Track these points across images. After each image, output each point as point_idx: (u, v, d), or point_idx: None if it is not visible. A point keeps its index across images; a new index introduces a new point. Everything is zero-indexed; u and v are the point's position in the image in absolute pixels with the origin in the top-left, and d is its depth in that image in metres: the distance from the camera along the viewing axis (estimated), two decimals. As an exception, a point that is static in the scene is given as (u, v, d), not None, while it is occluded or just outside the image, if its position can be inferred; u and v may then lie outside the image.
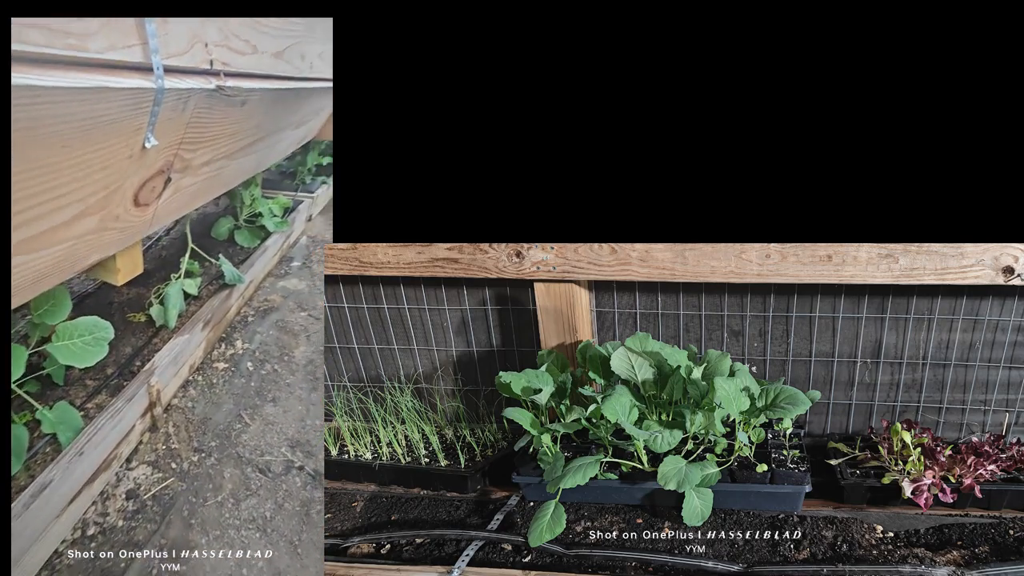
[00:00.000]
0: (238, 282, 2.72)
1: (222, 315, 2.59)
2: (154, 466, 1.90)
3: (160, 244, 3.29)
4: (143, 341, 2.34)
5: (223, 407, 2.17)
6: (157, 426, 2.04)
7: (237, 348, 2.53)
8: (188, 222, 2.90)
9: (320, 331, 2.69)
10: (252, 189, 3.31)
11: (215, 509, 1.75)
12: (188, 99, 1.43)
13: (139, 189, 1.53)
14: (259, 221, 3.32)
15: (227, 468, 1.91)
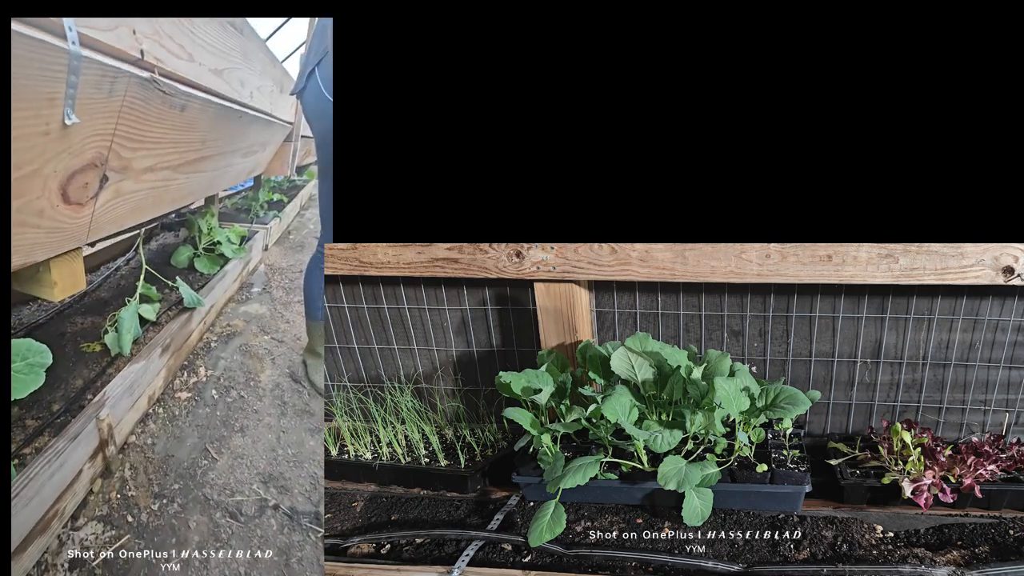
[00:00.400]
0: (197, 305, 2.65)
1: (182, 340, 2.48)
2: (106, 521, 1.63)
3: (119, 273, 3.25)
4: (96, 372, 2.13)
5: (186, 441, 1.99)
6: (111, 469, 1.79)
7: (200, 375, 2.41)
8: (141, 243, 2.90)
9: (284, 354, 2.66)
10: (208, 219, 3.40)
11: (181, 570, 1.52)
12: (115, 80, 1.33)
13: (67, 181, 1.38)
14: (218, 249, 3.40)
15: (193, 515, 1.69)
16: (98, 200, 1.58)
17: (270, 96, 2.97)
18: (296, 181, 6.72)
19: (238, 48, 2.15)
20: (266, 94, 2.77)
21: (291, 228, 5.21)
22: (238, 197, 5.23)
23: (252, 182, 4.95)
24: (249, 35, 2.38)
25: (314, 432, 2.11)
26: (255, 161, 3.45)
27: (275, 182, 5.38)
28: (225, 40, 1.98)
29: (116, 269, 3.28)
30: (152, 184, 1.88)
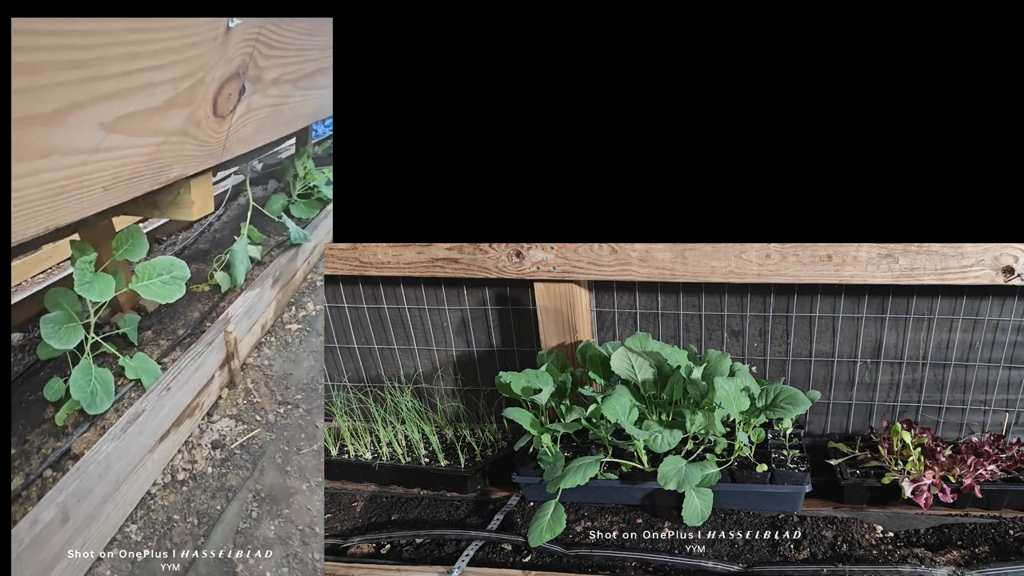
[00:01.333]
0: (303, 240, 2.78)
1: (289, 276, 2.63)
2: (237, 419, 1.90)
3: (212, 227, 3.49)
4: (210, 306, 2.43)
5: (303, 364, 2.16)
6: (235, 382, 2.05)
7: (309, 310, 2.55)
8: (247, 184, 3.02)
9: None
10: (305, 160, 3.40)
11: (312, 457, 1.73)
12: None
13: (218, 91, 1.56)
14: (315, 193, 3.37)
15: (317, 419, 1.88)
16: (234, 114, 1.74)
17: None
18: None
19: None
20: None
21: None
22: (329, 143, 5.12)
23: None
24: None
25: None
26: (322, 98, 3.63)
27: None
28: None
29: (210, 224, 3.53)
30: (274, 100, 2.04)
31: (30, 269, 3.20)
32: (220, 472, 1.71)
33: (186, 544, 1.50)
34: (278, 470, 1.69)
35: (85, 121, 1.18)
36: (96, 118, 1.20)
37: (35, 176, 1.13)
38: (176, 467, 1.74)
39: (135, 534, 1.54)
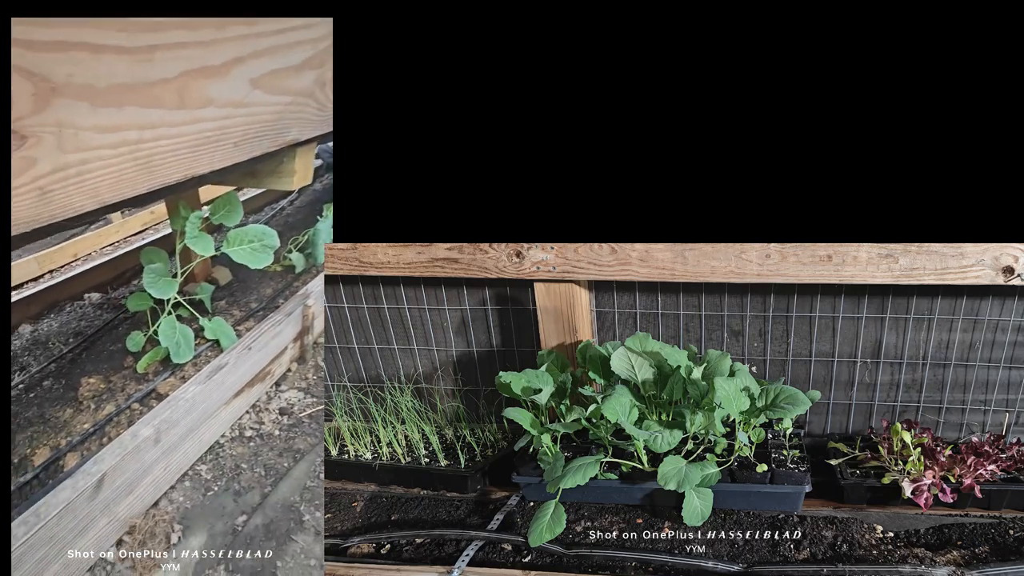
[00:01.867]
0: None
1: None
2: (306, 391, 2.01)
3: (284, 212, 3.73)
4: (283, 284, 2.57)
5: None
6: (305, 358, 2.14)
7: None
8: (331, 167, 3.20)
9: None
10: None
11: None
12: None
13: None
14: None
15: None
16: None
17: None
18: None
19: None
20: None
21: None
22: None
23: None
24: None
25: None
26: None
27: None
28: None
29: (281, 208, 3.74)
30: None
31: (102, 240, 3.60)
32: (288, 436, 1.83)
33: (252, 489, 1.64)
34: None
35: (242, 75, 1.29)
36: (250, 73, 1.29)
37: (190, 125, 1.21)
38: (244, 425, 1.88)
39: (205, 473, 1.70)
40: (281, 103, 1.53)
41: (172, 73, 1.13)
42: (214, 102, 1.25)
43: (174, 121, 1.18)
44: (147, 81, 1.09)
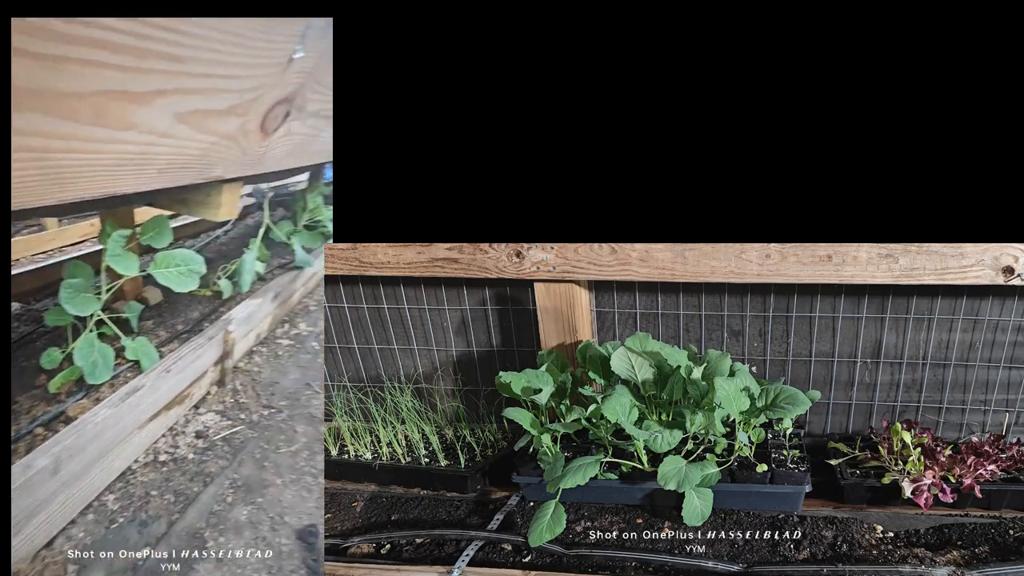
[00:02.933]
0: (307, 265, 2.98)
1: (288, 295, 2.78)
2: (222, 415, 1.98)
3: (219, 240, 3.75)
4: (210, 309, 2.58)
5: (290, 375, 2.27)
6: (225, 381, 2.13)
7: (300, 329, 2.70)
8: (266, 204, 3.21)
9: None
10: (314, 196, 3.64)
11: (289, 457, 1.80)
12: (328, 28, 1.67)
13: (269, 110, 1.72)
14: (319, 227, 3.58)
15: (300, 424, 1.96)
16: (276, 133, 1.89)
17: None
18: None
19: None
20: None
21: None
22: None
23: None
24: None
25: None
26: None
27: None
28: None
29: (216, 237, 3.80)
30: (309, 130, 2.22)
31: (33, 247, 3.43)
32: (200, 459, 1.79)
33: (160, 518, 1.58)
34: (255, 464, 1.77)
35: (166, 108, 1.33)
36: (175, 107, 1.33)
37: (110, 144, 1.23)
38: (159, 449, 1.82)
39: (112, 503, 1.62)
40: (207, 141, 1.55)
41: (86, 88, 1.13)
42: (137, 127, 1.28)
43: (91, 137, 1.18)
44: (54, 90, 1.08)
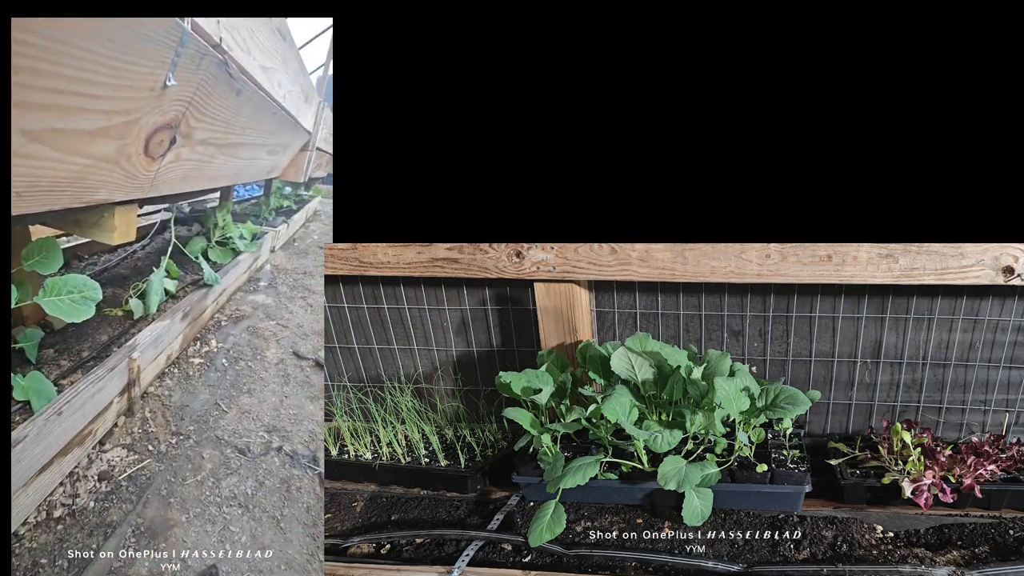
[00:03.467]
0: (214, 282, 2.88)
1: (198, 313, 2.70)
2: (130, 448, 1.86)
3: (136, 256, 3.56)
4: (120, 331, 2.42)
5: (200, 396, 2.20)
6: (133, 410, 2.03)
7: (212, 346, 2.63)
8: (172, 221, 3.13)
9: (288, 337, 2.88)
10: (224, 214, 3.72)
11: (195, 488, 1.74)
12: (203, 59, 1.61)
13: (151, 135, 1.65)
14: (230, 244, 3.67)
15: (206, 449, 1.91)
16: (164, 159, 1.82)
17: (297, 102, 3.32)
18: (303, 195, 7.25)
19: (280, 52, 2.47)
20: (295, 99, 3.14)
21: (296, 237, 5.69)
22: (248, 204, 5.81)
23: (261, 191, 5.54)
24: (289, 42, 2.71)
25: (313, 399, 2.29)
26: (275, 162, 3.84)
27: (285, 192, 6.19)
28: (273, 42, 2.30)
29: (132, 252, 3.64)
30: (201, 157, 2.15)
31: None
32: (103, 507, 1.62)
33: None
34: (161, 502, 1.66)
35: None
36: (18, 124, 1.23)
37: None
38: (54, 503, 1.60)
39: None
40: (80, 164, 1.47)
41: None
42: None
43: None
44: None
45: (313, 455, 1.91)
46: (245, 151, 2.76)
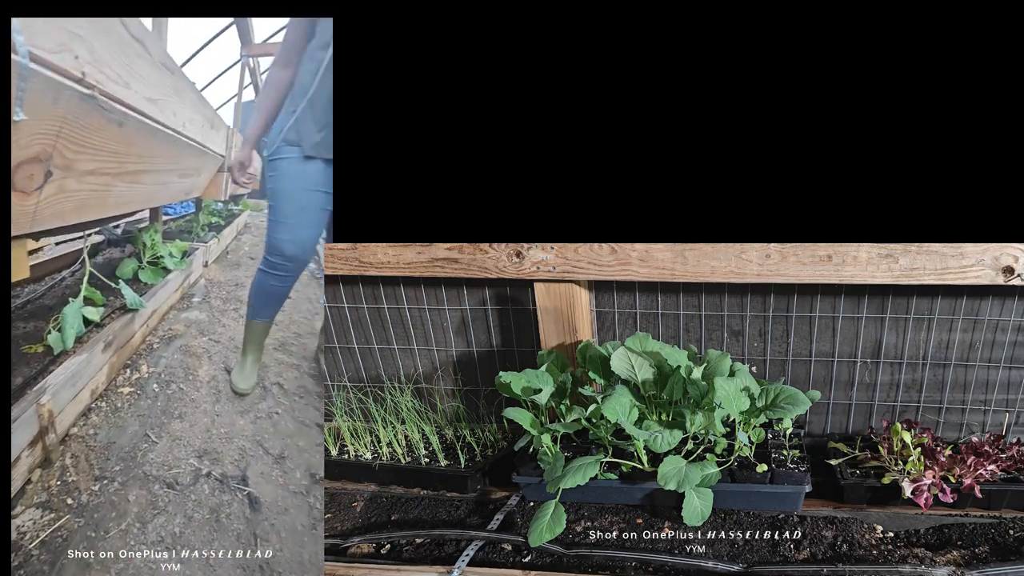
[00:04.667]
0: (139, 306, 2.75)
1: (125, 339, 2.55)
2: (45, 507, 1.62)
3: (64, 283, 3.37)
4: (37, 370, 2.14)
5: (128, 429, 2.04)
6: (51, 459, 1.79)
7: (142, 372, 2.51)
8: (87, 256, 2.95)
9: (220, 352, 2.84)
10: (152, 234, 3.70)
11: (118, 539, 1.54)
12: (59, 92, 1.54)
13: (15, 170, 1.55)
14: (161, 263, 3.63)
15: (132, 490, 1.72)
16: (43, 192, 1.73)
17: (202, 129, 3.42)
18: (233, 210, 7.53)
19: (170, 85, 2.54)
20: (198, 127, 3.22)
21: (229, 249, 5.81)
22: (183, 220, 6.01)
23: (194, 207, 5.71)
24: (180, 76, 2.79)
25: (243, 413, 2.25)
26: (192, 183, 3.90)
27: (214, 208, 6.40)
28: (158, 76, 2.34)
29: (61, 279, 3.43)
30: (94, 187, 2.07)
31: None
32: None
33: None
34: (79, 566, 1.45)
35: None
36: None
37: None
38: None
39: None
40: None
41: None
42: None
43: None
44: None
45: (242, 475, 1.84)
46: (150, 177, 2.74)
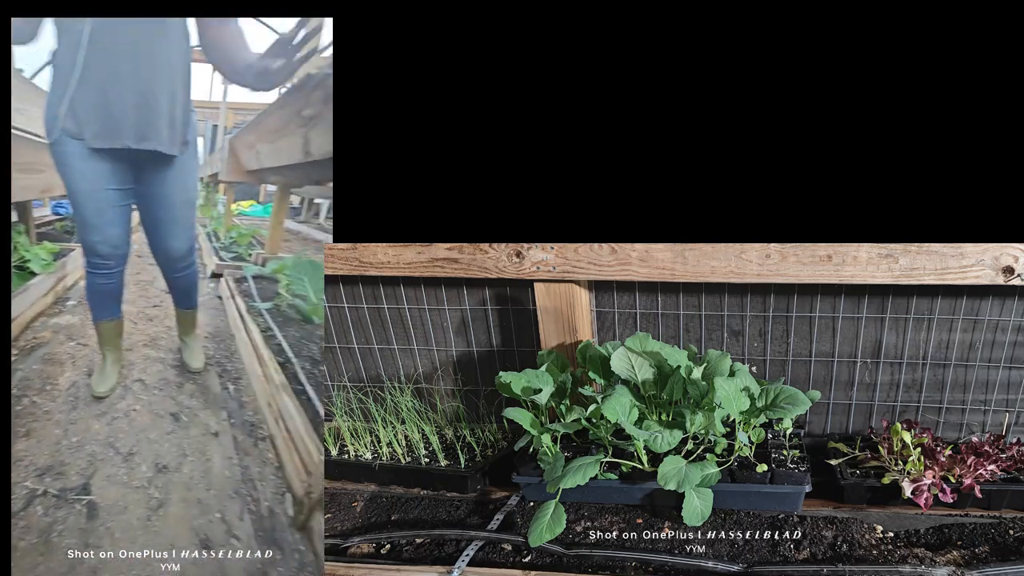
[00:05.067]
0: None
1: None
2: None
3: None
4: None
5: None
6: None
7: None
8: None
9: (86, 355, 2.75)
10: (16, 237, 3.49)
11: None
12: None
13: None
14: (27, 267, 3.42)
15: None
16: None
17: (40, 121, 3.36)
18: None
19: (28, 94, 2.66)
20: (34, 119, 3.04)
21: None
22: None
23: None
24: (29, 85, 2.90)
25: (100, 416, 2.16)
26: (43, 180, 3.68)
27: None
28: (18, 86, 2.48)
29: None
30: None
31: None
32: None
33: None
34: None
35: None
36: None
37: None
38: None
39: None
40: None
41: None
42: None
43: None
44: None
45: (85, 483, 1.71)
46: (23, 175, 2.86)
